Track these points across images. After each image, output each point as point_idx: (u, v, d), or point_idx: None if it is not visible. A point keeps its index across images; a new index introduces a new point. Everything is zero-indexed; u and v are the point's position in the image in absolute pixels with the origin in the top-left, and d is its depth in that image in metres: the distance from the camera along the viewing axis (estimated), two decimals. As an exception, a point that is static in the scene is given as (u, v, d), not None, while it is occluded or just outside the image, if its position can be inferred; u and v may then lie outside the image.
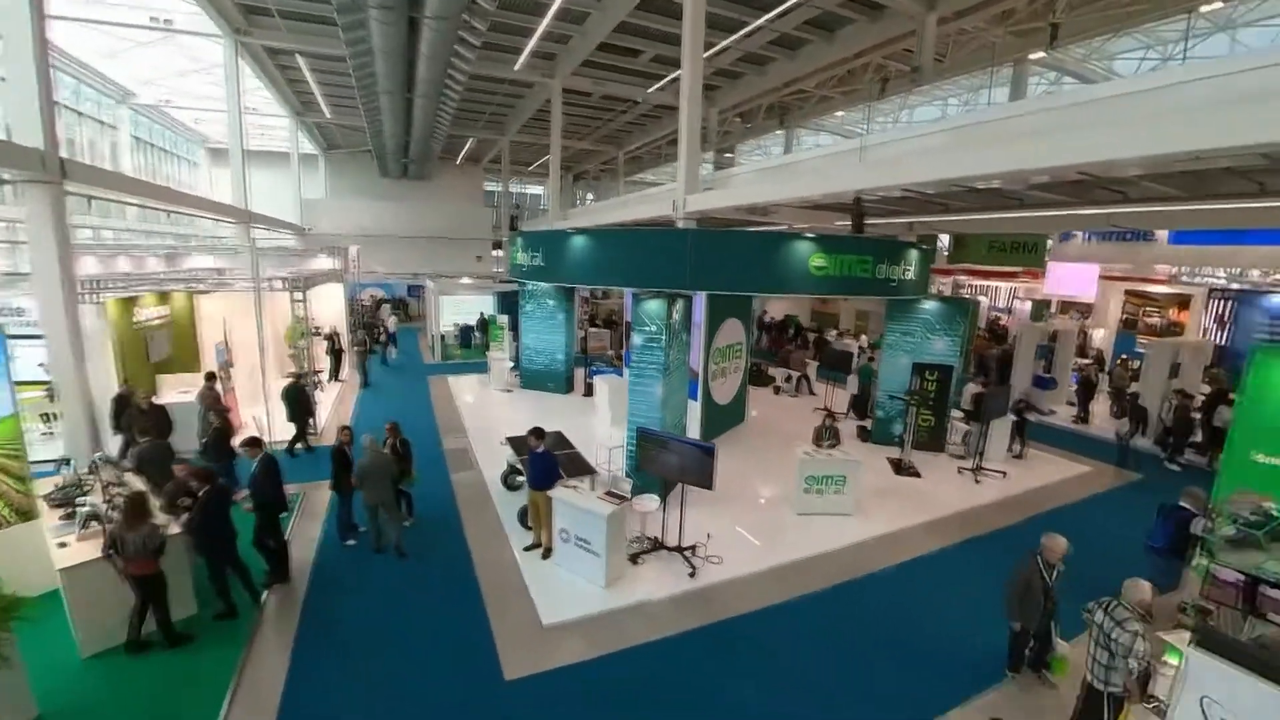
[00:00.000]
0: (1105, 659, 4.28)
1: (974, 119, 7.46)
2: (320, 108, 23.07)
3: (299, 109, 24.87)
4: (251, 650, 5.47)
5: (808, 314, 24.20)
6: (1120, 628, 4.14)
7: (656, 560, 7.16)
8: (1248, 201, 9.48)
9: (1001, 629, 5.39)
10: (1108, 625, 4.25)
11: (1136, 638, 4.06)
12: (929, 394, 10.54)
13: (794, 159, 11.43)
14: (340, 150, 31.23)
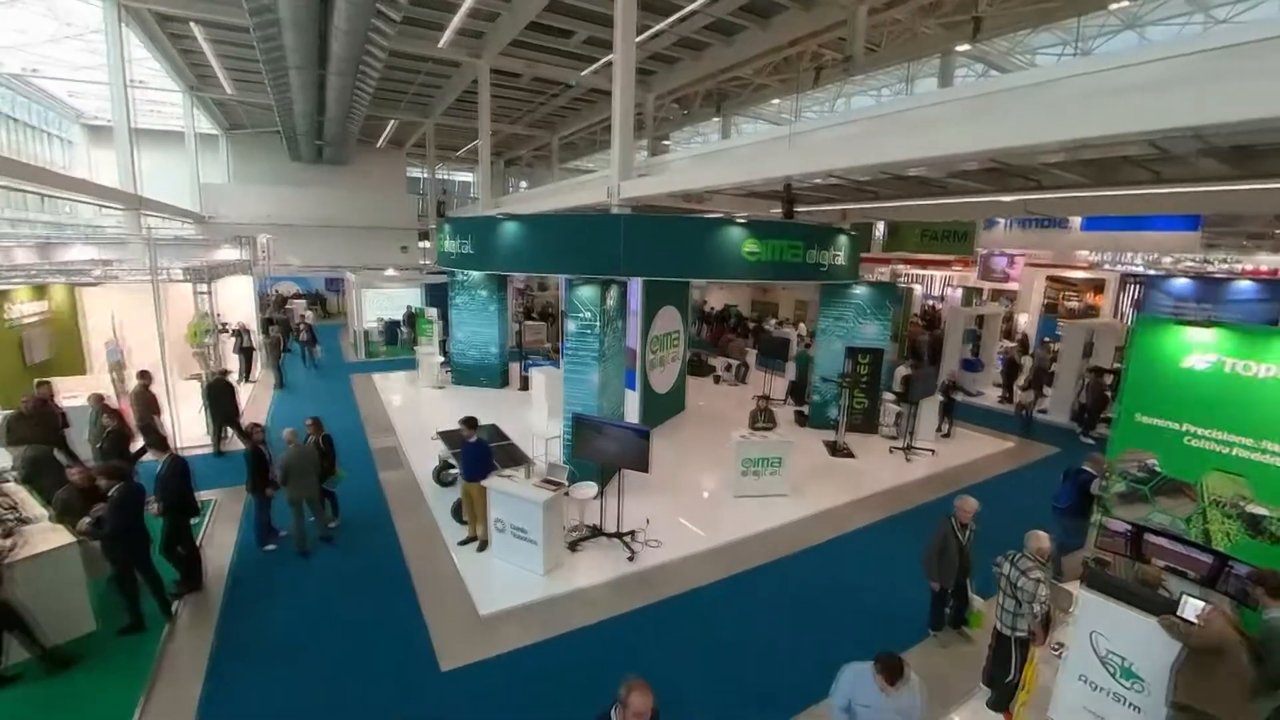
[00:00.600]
0: (1012, 606, 4.83)
1: (895, 108, 8.05)
2: (220, 83, 21.83)
3: (194, 84, 23.43)
4: (162, 667, 5.29)
5: (748, 303, 24.98)
6: (1024, 576, 4.69)
7: (595, 547, 7.38)
8: (1146, 188, 10.63)
9: (926, 591, 5.93)
10: (1013, 575, 4.80)
11: (1038, 584, 4.61)
12: (861, 377, 11.23)
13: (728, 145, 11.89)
14: (244, 130, 29.58)
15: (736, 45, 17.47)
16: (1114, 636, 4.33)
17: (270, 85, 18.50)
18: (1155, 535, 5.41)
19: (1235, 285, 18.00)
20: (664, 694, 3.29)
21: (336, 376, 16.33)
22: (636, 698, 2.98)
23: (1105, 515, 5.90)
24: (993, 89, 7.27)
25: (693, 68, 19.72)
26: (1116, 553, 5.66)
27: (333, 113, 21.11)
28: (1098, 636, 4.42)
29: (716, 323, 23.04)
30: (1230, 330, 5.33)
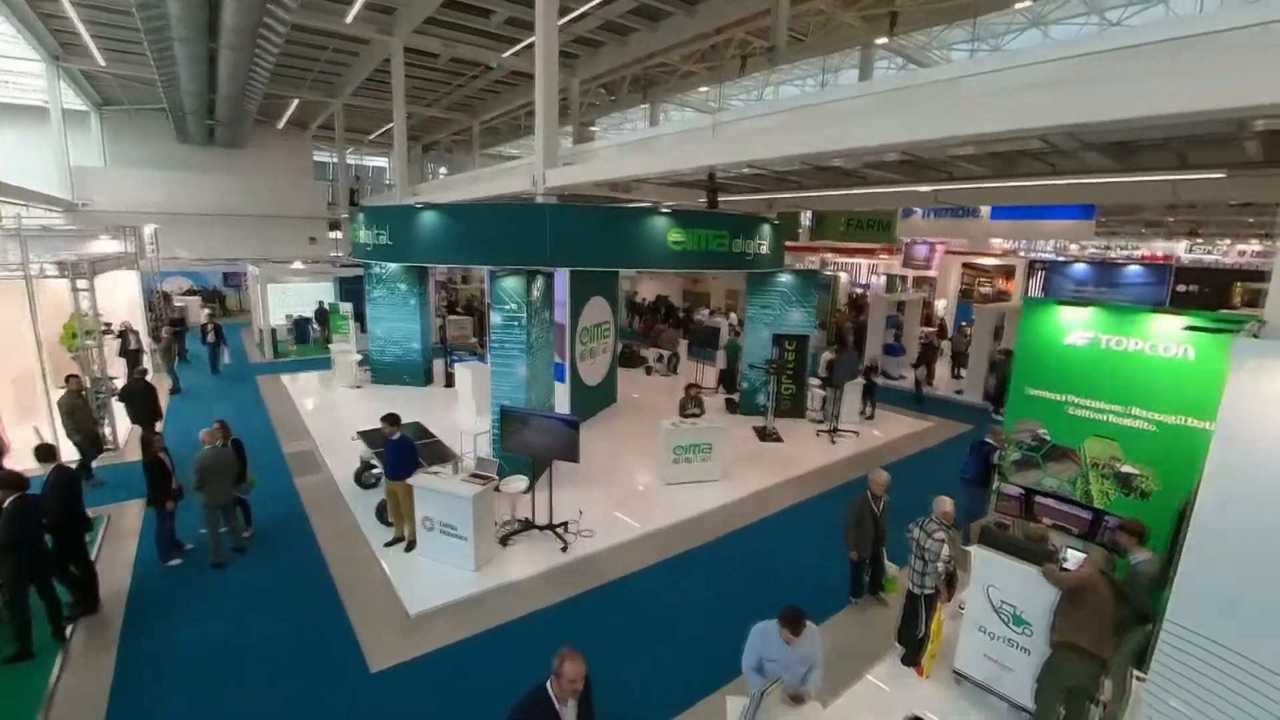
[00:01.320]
0: (920, 567, 5.40)
1: (814, 100, 8.56)
2: (90, 53, 20.11)
3: (57, 52, 21.45)
4: (55, 698, 5.03)
5: (680, 293, 25.56)
6: (930, 537, 5.26)
7: (528, 540, 7.55)
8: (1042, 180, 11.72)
9: (847, 562, 6.46)
10: (921, 537, 5.36)
11: (942, 544, 5.19)
12: (788, 363, 11.88)
13: (653, 134, 12.19)
14: (121, 107, 27.32)
15: (662, 31, 17.79)
16: (1005, 588, 4.94)
17: (152, 58, 17.25)
18: (1044, 497, 6.15)
19: (1127, 269, 20.11)
20: (598, 677, 3.56)
21: (241, 379, 15.58)
22: (569, 665, 3.22)
23: (1003, 482, 6.62)
24: (904, 84, 7.84)
25: (618, 53, 19.92)
26: (1013, 515, 6.39)
27: (226, 90, 19.95)
28: (992, 589, 5.03)
29: (648, 314, 23.46)
30: (1103, 310, 6.11)
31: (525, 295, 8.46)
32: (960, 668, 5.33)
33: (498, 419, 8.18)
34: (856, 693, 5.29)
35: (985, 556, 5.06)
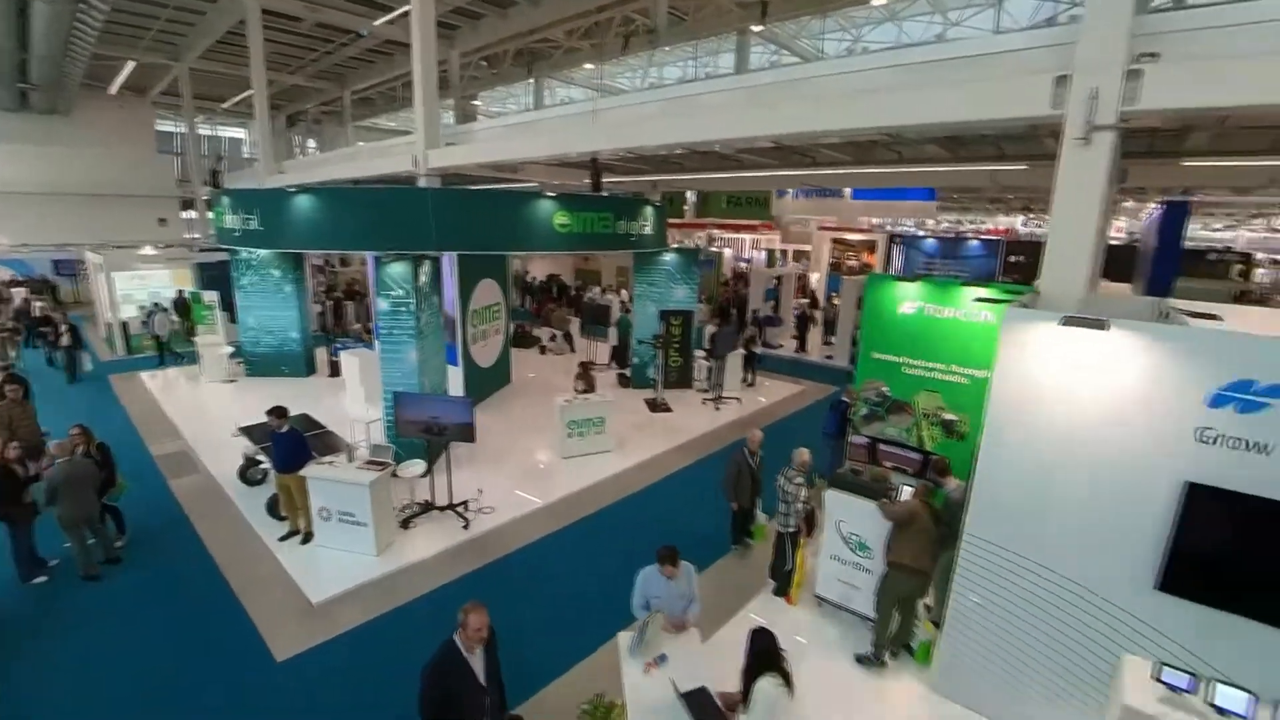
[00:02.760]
0: (784, 509, 6.25)
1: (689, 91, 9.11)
2: None
3: None
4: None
5: (571, 272, 25.79)
6: (789, 483, 6.10)
7: (429, 521, 7.75)
8: (891, 167, 13.14)
9: (729, 516, 7.25)
10: (783, 483, 6.20)
11: (799, 487, 6.04)
12: (674, 337, 12.63)
13: (537, 117, 12.31)
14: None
15: (544, 6, 17.67)
16: (851, 520, 5.86)
17: (-58, 12, 14.89)
18: (886, 444, 7.21)
19: (969, 243, 22.69)
20: (506, 637, 3.98)
21: (92, 379, 14.15)
22: (473, 616, 3.61)
23: (854, 434, 7.66)
24: (770, 81, 8.53)
25: (499, 26, 19.52)
26: (862, 461, 7.42)
27: (43, 50, 17.53)
28: (841, 523, 5.95)
29: (540, 293, 23.55)
30: (926, 283, 7.20)
31: (413, 281, 8.49)
32: (820, 592, 6.26)
33: (390, 405, 8.22)
34: (736, 623, 6.05)
35: (835, 496, 5.96)
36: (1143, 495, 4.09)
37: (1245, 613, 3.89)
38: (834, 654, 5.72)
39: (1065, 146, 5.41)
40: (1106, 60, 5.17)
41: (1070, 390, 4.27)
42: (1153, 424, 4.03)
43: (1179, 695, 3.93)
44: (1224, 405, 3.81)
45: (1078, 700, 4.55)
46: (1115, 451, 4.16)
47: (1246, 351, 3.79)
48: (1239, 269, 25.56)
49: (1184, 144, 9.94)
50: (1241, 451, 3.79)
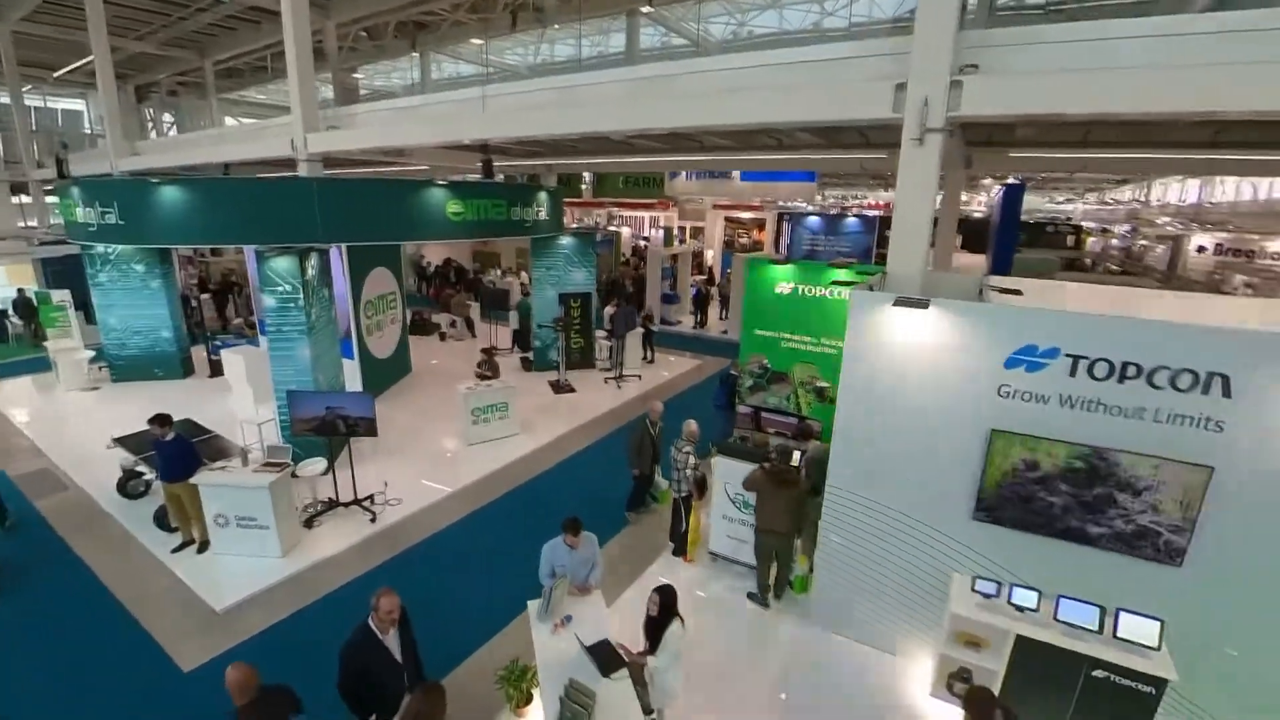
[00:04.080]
0: (676, 476, 6.83)
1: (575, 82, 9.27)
2: None
3: None
4: None
5: (470, 256, 25.33)
6: (679, 452, 6.69)
7: (335, 518, 7.74)
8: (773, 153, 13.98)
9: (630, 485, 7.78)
10: (674, 453, 6.78)
11: (689, 455, 6.64)
12: (574, 319, 12.97)
13: (424, 101, 12.01)
14: None
15: (424, -22, 17.04)
16: (734, 481, 6.53)
17: None
18: (768, 412, 8.00)
19: (847, 220, 24.37)
20: (421, 620, 4.24)
21: (-86, 393, 12.54)
22: (384, 600, 3.88)
23: (741, 404, 8.40)
24: (654, 74, 8.83)
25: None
26: (749, 429, 8.19)
27: None
28: (728, 485, 6.62)
29: (437, 279, 23.00)
30: (798, 265, 7.97)
31: (300, 275, 8.27)
32: (714, 549, 6.95)
33: (284, 405, 8.06)
34: (640, 584, 6.60)
35: (722, 462, 6.62)
36: (960, 442, 4.97)
37: (1033, 531, 4.86)
38: (729, 600, 6.42)
39: (904, 146, 6.20)
40: (934, 71, 5.95)
41: (903, 359, 5.07)
42: (965, 384, 4.88)
43: (989, 600, 4.87)
44: (1016, 366, 4.70)
45: (922, 614, 5.45)
46: (938, 408, 5.01)
47: (1030, 322, 4.69)
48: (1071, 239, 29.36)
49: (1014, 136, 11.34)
50: (1029, 403, 4.71)
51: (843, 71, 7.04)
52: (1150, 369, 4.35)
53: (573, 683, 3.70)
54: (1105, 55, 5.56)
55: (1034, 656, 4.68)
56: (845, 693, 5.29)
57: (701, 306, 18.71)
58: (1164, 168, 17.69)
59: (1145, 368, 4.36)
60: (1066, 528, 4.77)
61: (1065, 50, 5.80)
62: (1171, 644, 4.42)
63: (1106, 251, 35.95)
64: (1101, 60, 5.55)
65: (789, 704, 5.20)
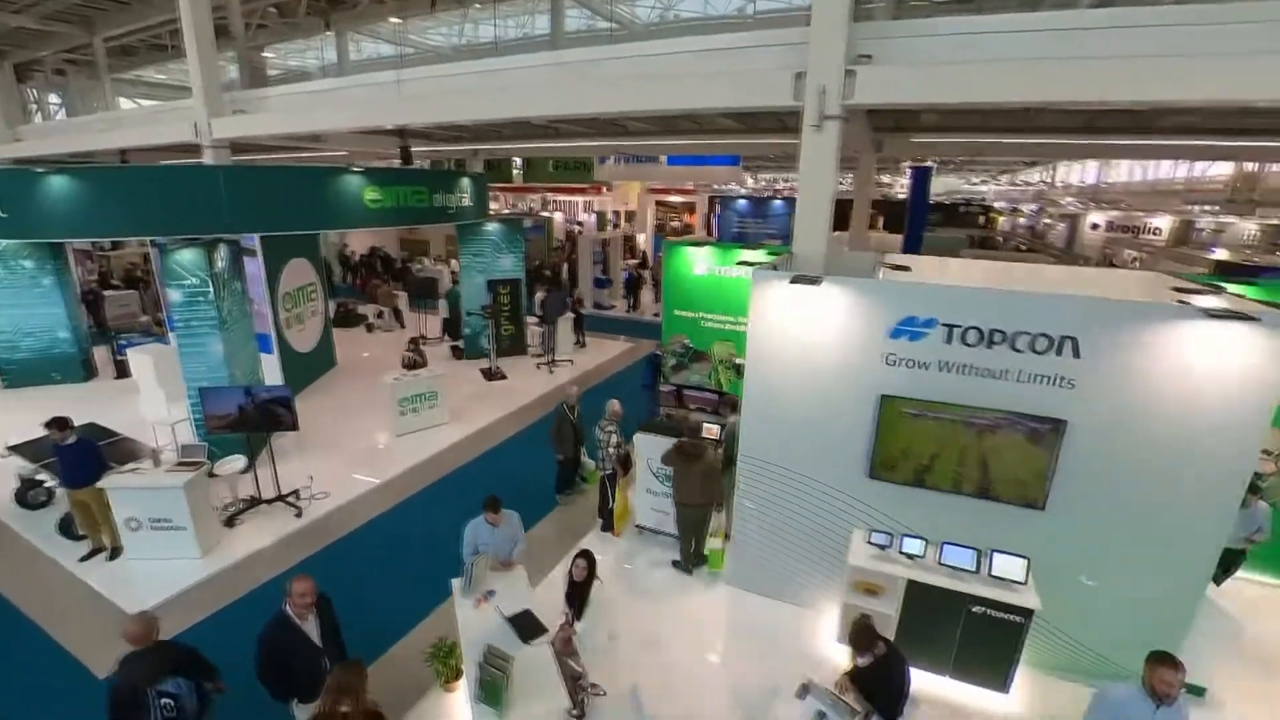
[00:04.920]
0: (603, 455, 7.07)
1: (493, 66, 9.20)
2: None
3: None
4: None
5: (397, 244, 24.67)
6: (602, 431, 6.92)
7: (258, 516, 7.60)
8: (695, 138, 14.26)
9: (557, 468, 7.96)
10: (598, 433, 7.01)
11: (612, 434, 6.87)
12: (503, 306, 12.97)
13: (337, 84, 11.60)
14: None
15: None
16: (656, 457, 6.80)
17: None
18: (690, 390, 8.33)
19: (773, 203, 25.06)
20: (348, 610, 4.30)
21: None
22: (297, 585, 3.95)
23: (664, 383, 8.70)
24: (574, 59, 8.85)
25: (284, -28, 17.69)
26: (673, 406, 8.50)
27: None
28: (651, 460, 6.90)
29: (363, 269, 22.33)
30: (712, 247, 8.29)
31: (208, 268, 7.99)
32: (640, 522, 7.24)
33: (197, 403, 7.81)
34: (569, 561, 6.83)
35: (644, 438, 6.89)
36: (854, 407, 5.39)
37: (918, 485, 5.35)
38: (655, 571, 6.73)
39: (804, 132, 6.55)
40: (829, 61, 6.28)
41: (802, 332, 5.44)
42: (857, 353, 5.29)
43: (883, 550, 5.34)
44: (900, 337, 5.14)
45: (827, 569, 5.90)
46: (835, 377, 5.41)
47: (910, 296, 5.12)
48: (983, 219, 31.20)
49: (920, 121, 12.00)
50: (912, 369, 5.16)
51: (759, 58, 7.27)
52: (1013, 334, 4.85)
53: (490, 648, 3.88)
54: (993, 47, 5.96)
55: (923, 598, 5.18)
56: (762, 647, 5.69)
57: (634, 290, 18.94)
58: (1050, 152, 19.05)
59: (1009, 333, 4.85)
60: (949, 480, 5.28)
61: (956, 42, 6.16)
62: (1037, 578, 5.00)
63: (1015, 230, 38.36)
64: (989, 52, 5.93)
65: (712, 662, 5.55)
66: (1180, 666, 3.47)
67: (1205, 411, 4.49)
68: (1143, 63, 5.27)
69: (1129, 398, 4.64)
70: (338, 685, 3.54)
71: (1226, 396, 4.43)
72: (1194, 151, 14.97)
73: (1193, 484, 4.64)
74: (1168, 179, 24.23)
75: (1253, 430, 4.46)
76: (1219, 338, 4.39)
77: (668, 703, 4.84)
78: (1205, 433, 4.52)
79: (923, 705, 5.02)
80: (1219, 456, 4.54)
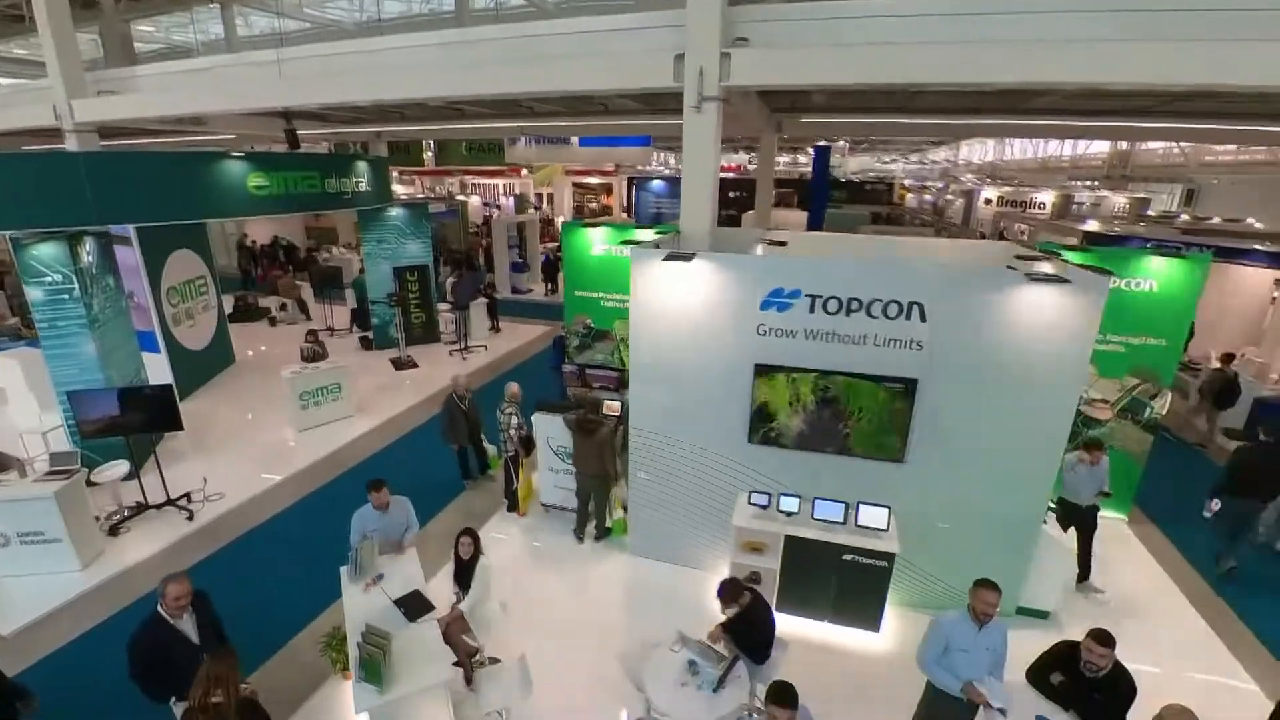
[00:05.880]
0: (504, 438, 7.15)
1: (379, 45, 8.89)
2: None
3: None
4: None
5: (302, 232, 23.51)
6: (502, 414, 7.00)
7: (145, 522, 7.26)
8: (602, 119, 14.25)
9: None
10: (498, 416, 7.07)
11: (511, 416, 6.96)
12: (412, 293, 12.70)
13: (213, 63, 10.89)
14: None
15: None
16: (554, 435, 6.96)
17: None
18: (593, 369, 8.48)
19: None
20: (242, 611, 4.21)
21: None
22: (171, 587, 3.87)
23: (568, 363, 8.83)
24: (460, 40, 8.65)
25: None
26: (577, 386, 8.63)
27: None
28: (551, 439, 7.04)
29: (265, 259, 21.19)
30: (608, 227, 8.42)
31: (71, 262, 7.46)
32: (545, 500, 7.38)
33: (68, 408, 7.34)
34: (478, 544, 6.93)
35: (542, 418, 7.01)
36: (732, 377, 5.69)
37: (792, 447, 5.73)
38: (560, 545, 6.92)
39: (685, 113, 6.72)
40: (706, 43, 6.45)
41: (681, 307, 5.67)
42: (732, 325, 5.58)
43: (763, 510, 5.70)
44: (769, 308, 5.45)
45: (716, 531, 6.22)
46: (713, 348, 5.69)
47: (777, 269, 5.44)
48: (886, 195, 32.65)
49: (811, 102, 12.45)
50: (782, 338, 5.49)
51: (643, 40, 7.32)
52: (868, 302, 5.24)
53: (368, 627, 3.95)
54: (868, 31, 6.13)
55: (800, 551, 5.58)
56: (655, 609, 5.98)
57: (552, 274, 18.87)
58: (934, 131, 20.26)
59: (865, 301, 5.24)
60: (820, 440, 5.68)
61: (832, 26, 6.33)
62: (901, 525, 5.48)
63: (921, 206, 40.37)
64: (864, 36, 6.11)
65: (604, 626, 5.79)
66: (996, 589, 3.93)
67: (1032, 364, 5.02)
68: (1008, 47, 5.54)
69: (968, 355, 5.13)
70: (208, 676, 3.52)
71: (1048, 349, 4.97)
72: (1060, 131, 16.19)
73: (1025, 428, 5.19)
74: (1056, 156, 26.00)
75: (1071, 377, 5.03)
76: (1041, 299, 4.90)
77: (555, 665, 5.06)
78: (1033, 383, 5.05)
79: (803, 649, 5.42)
80: (1046, 403, 5.09)
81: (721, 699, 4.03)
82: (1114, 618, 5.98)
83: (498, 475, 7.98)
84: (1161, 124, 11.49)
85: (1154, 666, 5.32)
